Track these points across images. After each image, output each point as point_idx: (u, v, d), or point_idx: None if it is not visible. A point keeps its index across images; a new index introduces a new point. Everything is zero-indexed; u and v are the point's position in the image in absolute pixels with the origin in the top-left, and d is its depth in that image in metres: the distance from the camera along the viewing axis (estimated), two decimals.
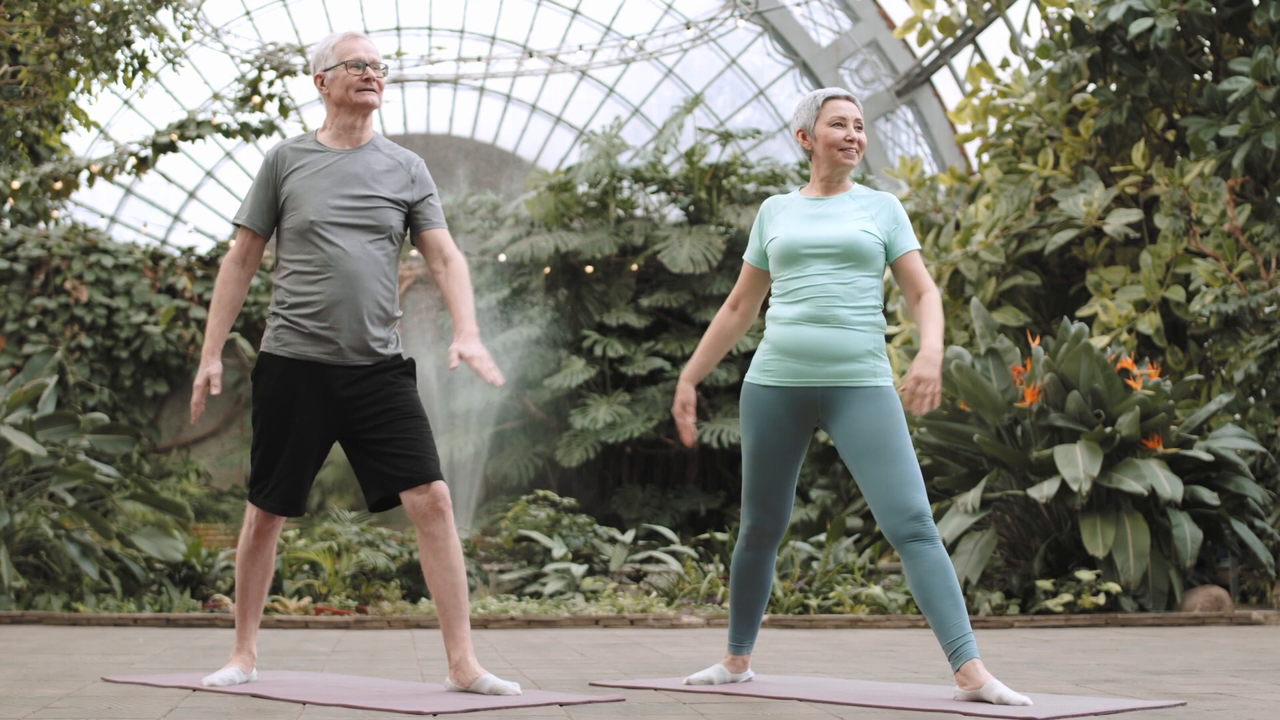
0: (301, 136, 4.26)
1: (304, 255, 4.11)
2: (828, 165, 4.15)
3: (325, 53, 4.22)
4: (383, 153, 4.23)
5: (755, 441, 4.12)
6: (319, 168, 4.16)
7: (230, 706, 3.66)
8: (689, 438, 4.29)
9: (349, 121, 4.21)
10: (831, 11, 20.12)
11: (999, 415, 9.14)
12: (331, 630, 7.95)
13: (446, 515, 4.03)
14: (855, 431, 3.97)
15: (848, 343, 3.99)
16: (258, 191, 4.21)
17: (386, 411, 4.08)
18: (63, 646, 6.22)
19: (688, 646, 6.49)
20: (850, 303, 4.01)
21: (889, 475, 3.90)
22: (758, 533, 4.22)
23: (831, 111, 4.13)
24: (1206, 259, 11.17)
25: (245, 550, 4.25)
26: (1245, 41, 11.78)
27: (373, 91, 4.17)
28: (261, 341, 4.21)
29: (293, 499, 4.16)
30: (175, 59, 9.14)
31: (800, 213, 4.15)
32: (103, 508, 9.87)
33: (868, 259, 4.04)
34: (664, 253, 15.08)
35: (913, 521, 3.85)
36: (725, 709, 3.68)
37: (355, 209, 4.11)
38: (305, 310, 4.09)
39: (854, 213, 4.10)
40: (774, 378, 4.07)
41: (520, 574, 9.99)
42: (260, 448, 4.16)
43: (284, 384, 4.11)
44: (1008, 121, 13.30)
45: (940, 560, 3.85)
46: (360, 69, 4.16)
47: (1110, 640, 6.99)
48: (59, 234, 15.85)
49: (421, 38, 20.43)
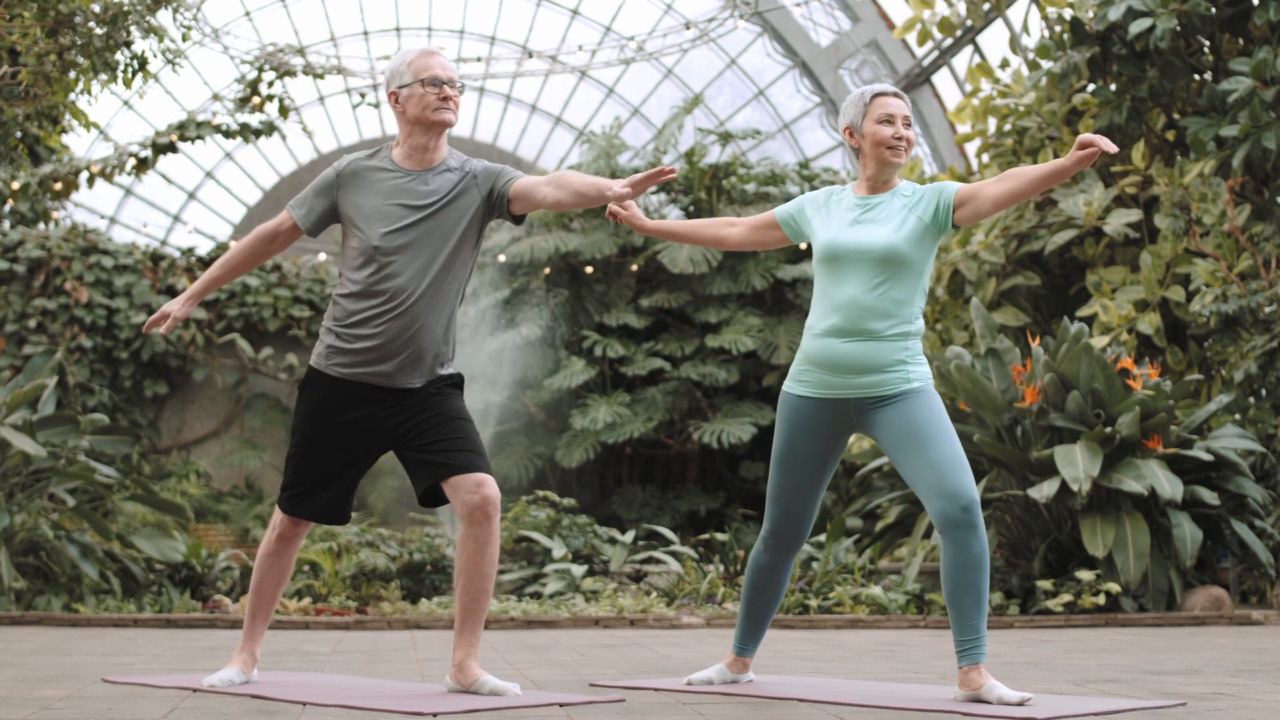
0: (376, 151, 4.16)
1: (364, 277, 4.02)
2: (875, 164, 4.05)
3: (400, 69, 4.10)
4: (454, 170, 4.10)
5: (784, 446, 4.10)
6: (387, 189, 4.06)
7: (230, 707, 3.66)
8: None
9: (423, 141, 4.09)
10: (831, 11, 20.12)
11: (999, 415, 9.13)
12: (331, 631, 7.95)
13: (494, 520, 3.94)
14: (894, 426, 3.93)
15: (878, 355, 3.94)
16: (315, 197, 4.13)
17: (433, 417, 4.02)
18: (63, 647, 6.22)
19: (688, 647, 6.48)
20: (882, 316, 3.93)
21: (936, 458, 3.85)
22: (776, 537, 4.19)
23: (879, 108, 4.04)
24: (1206, 259, 11.17)
25: (266, 552, 4.23)
26: (1245, 41, 11.78)
27: (449, 110, 4.06)
28: (312, 355, 4.15)
29: (334, 508, 4.14)
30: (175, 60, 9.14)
31: (845, 215, 4.06)
32: (103, 508, 9.87)
33: (903, 264, 3.95)
34: (664, 253, 15.08)
35: (964, 511, 3.79)
36: (725, 709, 3.68)
37: (421, 236, 4.01)
38: (358, 332, 4.02)
39: (896, 213, 4.00)
40: (807, 388, 4.04)
41: (520, 574, 9.99)
42: (296, 457, 4.13)
43: (328, 403, 4.07)
44: (1007, 121, 13.30)
45: (980, 556, 3.80)
46: (437, 87, 4.05)
47: (1110, 640, 6.99)
48: (59, 235, 15.84)
49: (421, 38, 20.42)
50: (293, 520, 4.18)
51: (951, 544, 3.80)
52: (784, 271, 15.17)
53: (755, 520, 15.15)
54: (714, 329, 15.28)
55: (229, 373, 16.25)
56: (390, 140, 4.21)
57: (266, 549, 4.23)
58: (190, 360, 16.03)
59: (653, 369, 15.19)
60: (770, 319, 15.26)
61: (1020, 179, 3.90)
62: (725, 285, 15.23)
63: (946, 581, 3.83)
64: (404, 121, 4.10)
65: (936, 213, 3.98)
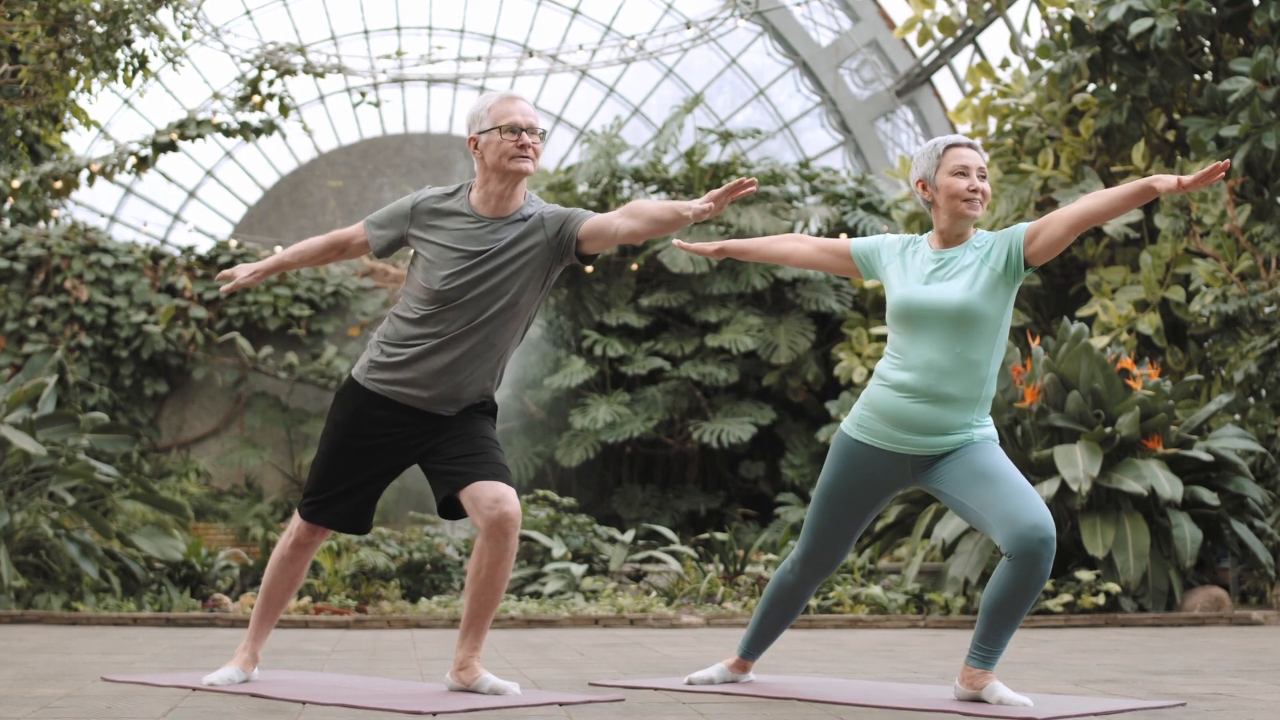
0: (456, 190, 4.10)
1: (424, 311, 3.99)
2: (949, 217, 3.93)
3: (480, 114, 4.03)
4: (528, 221, 4.03)
5: (833, 483, 4.03)
6: (460, 233, 4.01)
7: (230, 706, 3.65)
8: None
9: (499, 189, 4.02)
10: (831, 11, 20.12)
11: (999, 415, 9.13)
12: (331, 630, 7.95)
13: (512, 537, 3.90)
14: (958, 473, 3.84)
15: (947, 419, 3.85)
16: (388, 224, 4.10)
17: (459, 435, 4.01)
18: (62, 646, 6.22)
19: (687, 646, 6.48)
20: (956, 379, 3.84)
21: (1013, 489, 3.75)
22: (808, 563, 4.14)
23: (954, 160, 3.92)
24: (1206, 259, 11.17)
25: (279, 556, 4.21)
26: (1245, 41, 11.78)
27: (528, 159, 3.99)
28: (354, 365, 4.14)
29: (355, 518, 4.12)
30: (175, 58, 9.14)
31: (920, 270, 3.94)
32: (102, 507, 9.87)
33: (979, 321, 3.84)
34: (664, 253, 15.07)
35: (1042, 544, 3.66)
36: (725, 709, 3.68)
37: (483, 284, 3.97)
38: (403, 357, 4.00)
39: (970, 267, 3.89)
40: (868, 435, 3.96)
41: (520, 574, 9.99)
42: (320, 465, 4.11)
43: (361, 415, 4.05)
44: (1008, 121, 13.30)
45: (1039, 586, 3.71)
46: (516, 134, 3.97)
47: (1110, 640, 6.99)
48: (59, 233, 15.84)
49: (421, 37, 20.41)
50: (310, 528, 4.15)
51: (1017, 570, 3.69)
52: (784, 271, 15.16)
53: (755, 520, 15.16)
54: (714, 328, 15.28)
55: (229, 372, 16.25)
56: (470, 182, 4.14)
57: (281, 553, 4.20)
58: (190, 359, 16.02)
59: (653, 368, 15.19)
60: (770, 319, 15.26)
61: (1098, 198, 3.79)
62: (725, 285, 15.22)
63: (996, 598, 3.74)
64: (482, 167, 4.03)
65: (1009, 260, 3.86)
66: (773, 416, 15.02)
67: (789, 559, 4.21)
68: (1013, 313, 12.06)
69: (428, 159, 20.41)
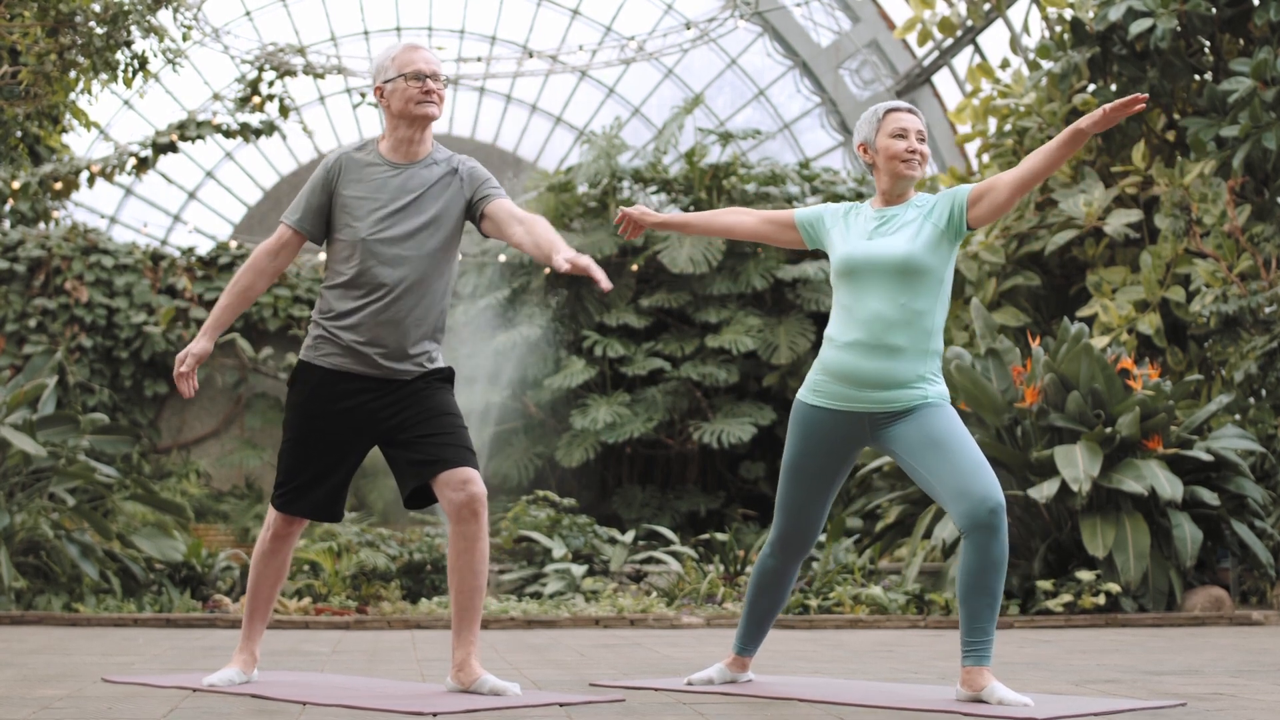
0: (363, 144, 4.22)
1: (351, 269, 4.06)
2: (889, 178, 4.09)
3: (385, 64, 4.16)
4: (440, 164, 4.17)
5: (796, 456, 4.10)
6: (375, 182, 4.11)
7: (230, 707, 3.66)
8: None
9: (407, 134, 4.15)
10: (831, 12, 20.12)
11: (999, 415, 9.13)
12: (331, 631, 7.95)
13: (481, 517, 3.97)
14: (912, 438, 3.93)
15: (898, 371, 3.94)
16: (311, 196, 4.17)
17: (420, 412, 4.05)
18: (63, 647, 6.22)
19: (688, 647, 6.48)
20: (904, 330, 3.94)
21: (960, 461, 3.85)
22: (784, 544, 4.20)
23: (893, 123, 4.08)
24: (1206, 259, 11.17)
25: (261, 552, 4.23)
26: (1245, 41, 11.78)
27: (433, 104, 4.12)
28: (301, 349, 4.18)
29: (327, 505, 4.14)
30: (175, 59, 9.14)
31: (863, 227, 4.09)
32: (103, 508, 9.87)
33: (922, 273, 3.95)
34: (664, 253, 15.08)
35: (990, 513, 3.78)
36: (725, 709, 3.68)
37: (409, 227, 4.06)
38: (346, 323, 4.05)
39: (912, 223, 4.02)
40: (823, 399, 4.04)
41: (520, 574, 9.99)
42: (287, 453, 4.14)
43: (319, 394, 4.08)
44: (1008, 122, 13.30)
45: (999, 559, 3.80)
46: (420, 80, 4.10)
47: (1110, 641, 6.99)
48: (59, 234, 15.84)
49: (421, 38, 20.42)
50: (287, 518, 4.18)
51: (974, 546, 3.80)
52: (784, 271, 15.16)
53: (755, 520, 15.15)
54: (714, 329, 15.28)
55: (229, 372, 16.25)
56: (376, 137, 4.26)
57: (262, 549, 4.23)
58: None
59: (653, 369, 15.19)
60: (770, 319, 15.26)
61: (1036, 155, 3.93)
62: (725, 285, 15.22)
63: (963, 581, 3.82)
64: (389, 115, 4.16)
65: (951, 216, 4.00)
66: (773, 417, 15.01)
67: (766, 543, 4.27)
68: (1011, 312, 12.14)
69: None
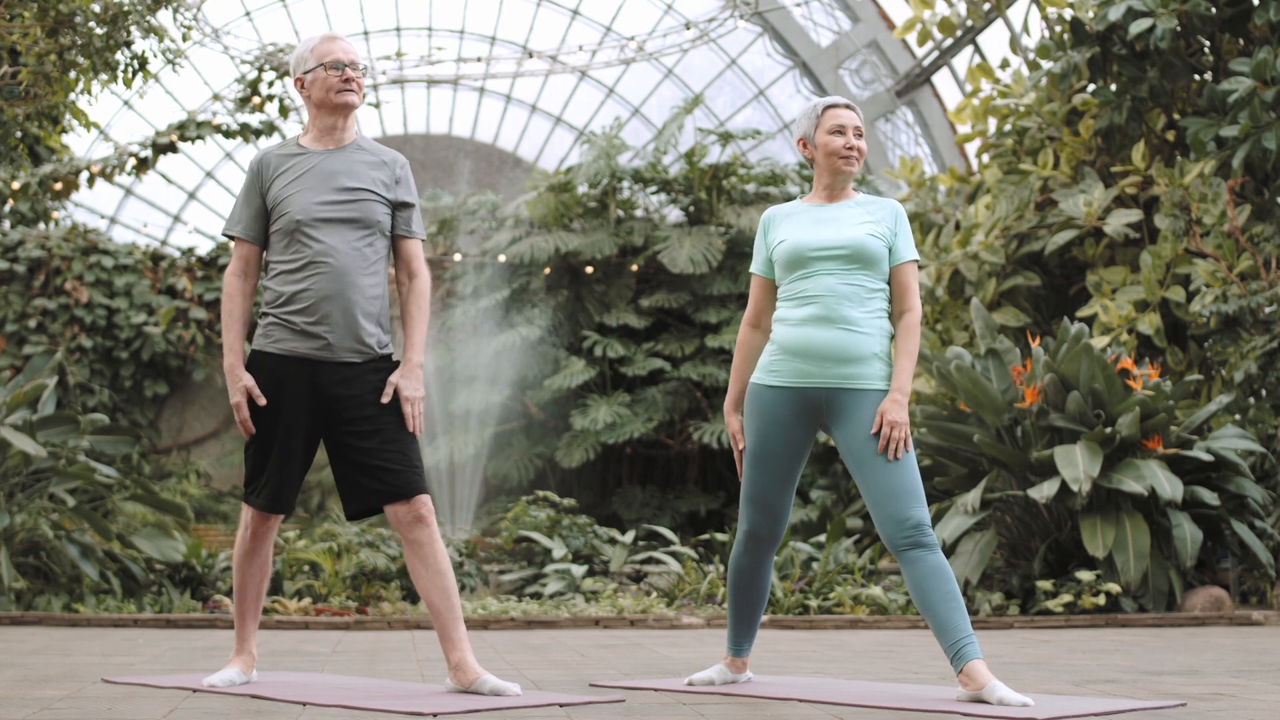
0: (283, 142, 4.29)
1: (291, 254, 4.12)
2: (828, 173, 4.18)
3: (304, 55, 4.25)
4: (367, 151, 4.25)
5: (758, 442, 4.12)
6: (303, 169, 4.17)
7: (230, 707, 3.66)
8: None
9: (330, 123, 4.23)
10: (831, 12, 20.12)
11: (999, 416, 9.13)
12: (331, 631, 7.95)
13: (428, 522, 4.04)
14: (859, 436, 3.98)
15: (855, 344, 4.00)
16: (246, 201, 4.22)
17: (373, 418, 4.07)
18: (63, 647, 6.22)
19: (688, 647, 6.48)
20: (858, 305, 4.02)
21: (889, 483, 3.92)
22: (754, 538, 4.22)
23: (831, 120, 4.16)
24: (1206, 259, 11.16)
25: (242, 552, 4.24)
26: (1245, 41, 11.78)
27: (352, 92, 4.19)
28: (253, 340, 4.22)
29: (281, 497, 4.14)
30: (175, 60, 9.14)
31: (805, 218, 4.17)
32: (103, 509, 9.87)
33: (874, 261, 4.06)
34: (664, 253, 15.08)
35: (911, 531, 3.87)
36: (725, 709, 3.67)
37: (340, 204, 4.12)
38: (294, 307, 4.09)
39: (858, 217, 4.12)
40: (780, 378, 4.08)
41: (520, 575, 9.99)
42: (253, 446, 4.17)
43: (273, 380, 4.12)
44: (1008, 122, 13.30)
45: (938, 565, 3.86)
46: (339, 70, 4.19)
47: (1110, 641, 6.99)
48: (59, 235, 15.85)
49: (421, 38, 20.42)
50: (262, 516, 4.20)
51: (905, 562, 3.90)
52: None
53: None
54: (714, 329, 15.28)
55: None
56: (298, 135, 4.33)
57: (243, 549, 4.24)
58: (190, 360, 16.02)
59: (653, 369, 15.19)
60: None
61: (895, 345, 4.08)
62: (725, 285, 15.22)
63: (917, 597, 3.89)
64: (310, 105, 4.23)
65: (888, 236, 4.11)
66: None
67: (736, 541, 4.28)
68: (1011, 312, 12.13)
69: (428, 160, 20.41)
